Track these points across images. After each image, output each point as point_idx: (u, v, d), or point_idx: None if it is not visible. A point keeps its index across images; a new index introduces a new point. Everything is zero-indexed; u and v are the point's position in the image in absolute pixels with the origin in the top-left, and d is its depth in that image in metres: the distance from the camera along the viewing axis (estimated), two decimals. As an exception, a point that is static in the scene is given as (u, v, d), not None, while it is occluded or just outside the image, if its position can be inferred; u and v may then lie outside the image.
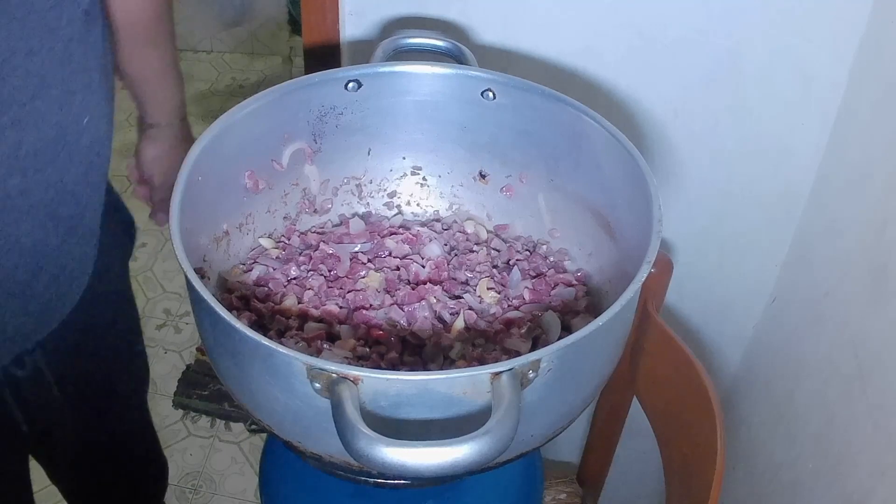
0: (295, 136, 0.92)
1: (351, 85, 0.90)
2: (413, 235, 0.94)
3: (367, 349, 0.79)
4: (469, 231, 0.97)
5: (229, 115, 0.83)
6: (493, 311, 0.86)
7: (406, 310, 0.84)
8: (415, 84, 0.91)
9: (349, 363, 0.76)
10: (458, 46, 0.95)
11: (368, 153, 0.97)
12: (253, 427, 1.95)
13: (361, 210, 0.99)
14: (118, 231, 0.97)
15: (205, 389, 2.03)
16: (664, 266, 1.02)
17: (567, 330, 0.83)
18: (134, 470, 1.28)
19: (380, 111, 0.93)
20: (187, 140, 1.04)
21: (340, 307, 0.85)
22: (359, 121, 0.93)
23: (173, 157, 1.03)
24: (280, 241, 0.93)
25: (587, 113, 0.85)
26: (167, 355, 2.14)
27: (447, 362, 0.80)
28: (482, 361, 0.79)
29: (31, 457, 1.07)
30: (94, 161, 0.81)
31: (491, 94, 0.90)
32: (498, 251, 0.94)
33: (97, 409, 1.08)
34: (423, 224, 0.98)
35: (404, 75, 0.91)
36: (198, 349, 2.14)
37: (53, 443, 1.04)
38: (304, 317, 0.84)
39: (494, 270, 0.91)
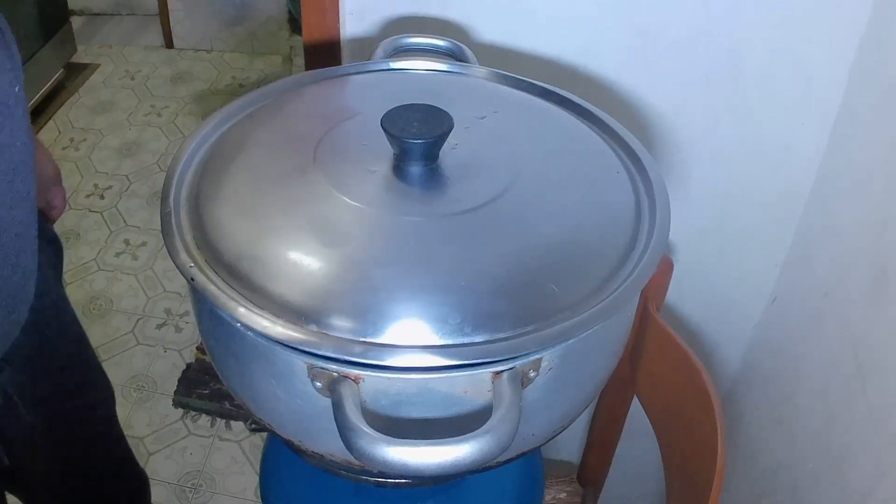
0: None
1: (352, 84, 0.90)
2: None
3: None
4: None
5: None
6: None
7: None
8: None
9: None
10: (458, 46, 0.95)
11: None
12: (253, 426, 1.95)
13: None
14: (48, 248, 0.99)
15: (205, 388, 2.03)
16: (664, 266, 1.02)
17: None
18: (112, 487, 1.27)
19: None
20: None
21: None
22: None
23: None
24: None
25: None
26: (167, 354, 2.14)
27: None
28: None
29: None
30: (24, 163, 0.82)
31: (492, 94, 0.90)
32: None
33: (67, 428, 1.07)
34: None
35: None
36: (198, 348, 2.15)
37: (30, 473, 1.03)
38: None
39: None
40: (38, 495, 1.08)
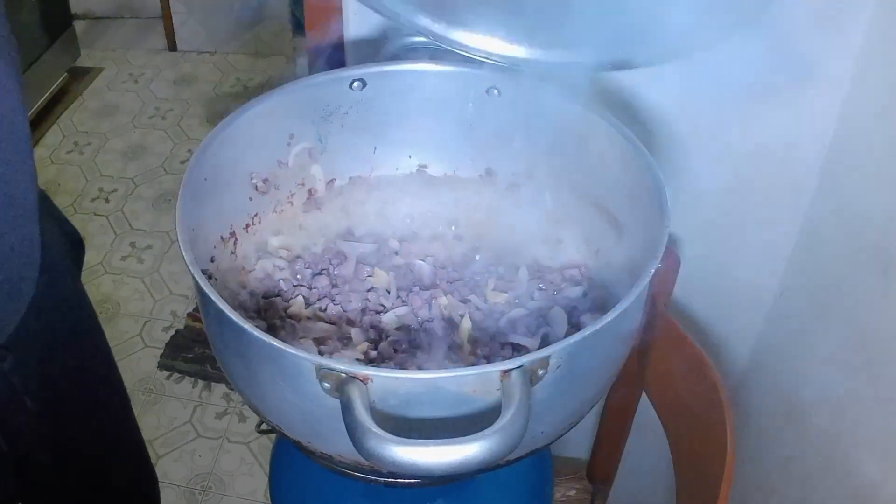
0: (300, 136, 0.92)
1: (356, 84, 0.90)
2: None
3: (376, 352, 0.79)
4: (475, 229, 0.97)
5: (234, 115, 0.83)
6: (500, 310, 0.86)
7: (415, 311, 0.84)
8: (419, 82, 0.91)
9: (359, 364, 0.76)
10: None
11: (374, 152, 0.97)
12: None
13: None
14: (63, 242, 0.98)
15: (189, 353, 2.12)
16: (671, 261, 1.02)
17: (575, 327, 0.83)
18: (120, 487, 1.26)
19: (385, 110, 0.93)
20: None
21: (345, 310, 0.85)
22: (364, 120, 0.93)
23: None
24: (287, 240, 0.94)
25: (593, 108, 0.85)
26: (175, 357, 2.14)
27: (456, 361, 0.80)
28: (490, 360, 0.79)
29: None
30: (12, 129, 0.81)
31: (496, 92, 0.90)
32: (505, 249, 0.94)
33: (73, 422, 1.07)
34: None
35: (408, 73, 0.91)
36: (189, 315, 2.23)
37: (32, 465, 1.03)
38: (313, 320, 0.84)
39: (501, 269, 0.91)
40: (41, 490, 1.08)
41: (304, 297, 0.85)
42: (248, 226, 0.91)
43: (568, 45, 0.60)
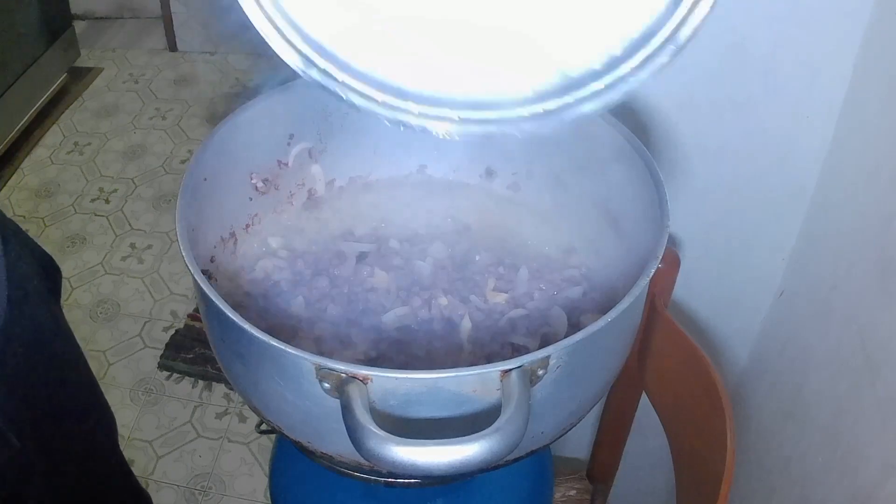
0: (300, 136, 0.92)
1: (356, 84, 0.90)
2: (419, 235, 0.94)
3: (376, 352, 0.79)
4: (475, 229, 0.97)
5: (235, 115, 0.83)
6: (500, 310, 0.86)
7: (415, 311, 0.84)
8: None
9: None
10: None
11: (374, 152, 0.97)
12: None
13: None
14: (37, 270, 0.96)
15: (189, 353, 2.12)
16: (671, 261, 1.02)
17: (575, 328, 0.83)
18: None
19: (385, 110, 0.93)
20: None
21: (345, 310, 0.85)
22: (364, 120, 0.93)
23: None
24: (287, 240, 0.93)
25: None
26: (175, 357, 2.14)
27: (456, 361, 0.80)
28: (490, 360, 0.79)
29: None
30: None
31: (496, 92, 0.90)
32: (505, 249, 0.94)
33: (65, 454, 1.05)
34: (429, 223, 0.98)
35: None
36: (189, 315, 2.23)
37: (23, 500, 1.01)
38: (313, 320, 0.84)
39: (501, 269, 0.91)
40: None
41: (304, 297, 0.85)
42: (248, 226, 0.91)
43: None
